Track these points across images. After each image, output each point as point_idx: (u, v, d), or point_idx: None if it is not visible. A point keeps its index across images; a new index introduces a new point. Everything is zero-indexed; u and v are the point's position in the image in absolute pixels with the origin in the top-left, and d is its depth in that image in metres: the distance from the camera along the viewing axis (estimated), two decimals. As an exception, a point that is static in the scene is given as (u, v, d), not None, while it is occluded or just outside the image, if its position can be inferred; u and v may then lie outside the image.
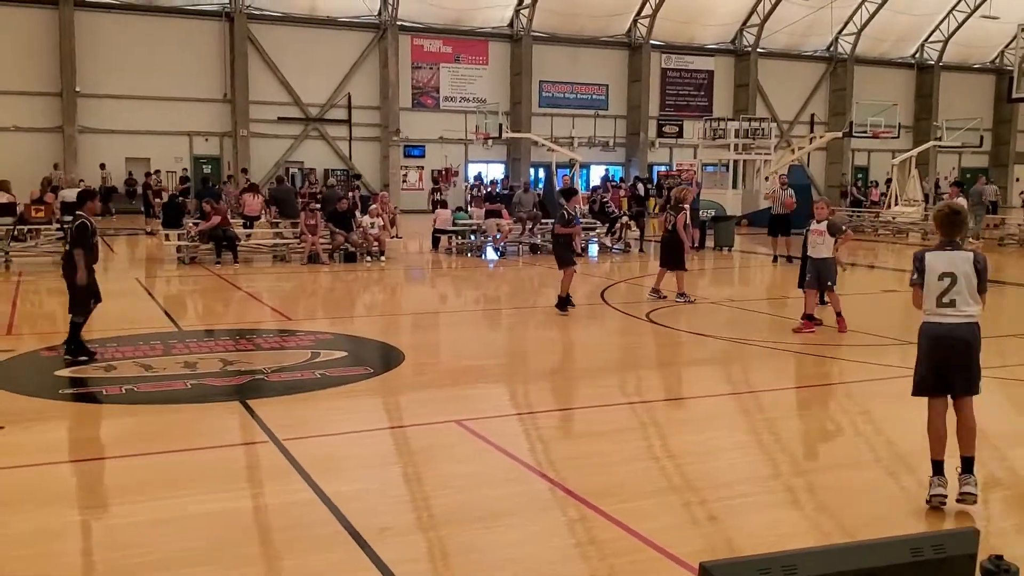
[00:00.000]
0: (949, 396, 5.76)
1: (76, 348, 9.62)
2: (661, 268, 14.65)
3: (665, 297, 14.34)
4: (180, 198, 22.97)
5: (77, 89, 34.01)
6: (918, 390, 5.87)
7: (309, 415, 7.82)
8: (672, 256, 14.41)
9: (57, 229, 19.24)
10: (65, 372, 9.24)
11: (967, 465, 5.65)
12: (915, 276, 5.80)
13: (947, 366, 5.68)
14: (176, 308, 14.26)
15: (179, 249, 19.82)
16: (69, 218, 19.58)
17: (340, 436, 7.20)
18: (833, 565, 2.24)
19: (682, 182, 24.18)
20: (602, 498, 5.77)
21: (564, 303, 12.96)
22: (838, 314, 11.77)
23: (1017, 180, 43.70)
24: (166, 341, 10.75)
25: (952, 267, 5.65)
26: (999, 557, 2.49)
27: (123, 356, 9.87)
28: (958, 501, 5.60)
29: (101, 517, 5.64)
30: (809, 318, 11.82)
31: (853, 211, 34.03)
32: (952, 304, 5.64)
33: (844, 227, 12.48)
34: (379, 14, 38.69)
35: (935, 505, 5.62)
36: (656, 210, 22.37)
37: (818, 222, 11.85)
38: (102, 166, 34.08)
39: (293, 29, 37.56)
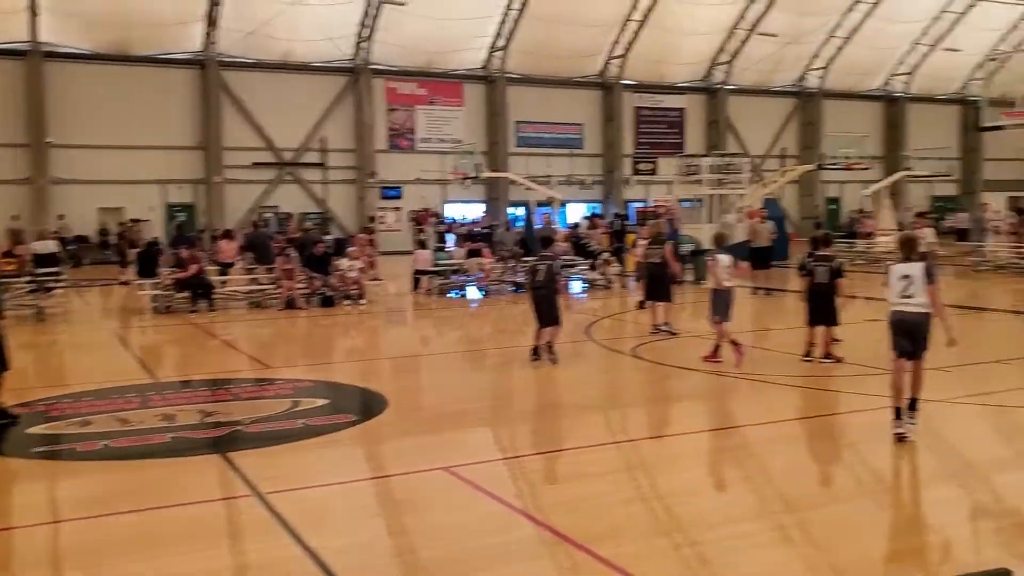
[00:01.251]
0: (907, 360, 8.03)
1: None
2: (650, 301, 14.62)
3: (669, 328, 14.30)
4: (156, 247, 22.70)
5: (49, 140, 33.76)
6: (894, 352, 8.12)
7: (292, 466, 7.64)
8: (661, 288, 14.43)
9: (28, 282, 18.94)
10: (38, 429, 9.01)
11: (914, 404, 8.01)
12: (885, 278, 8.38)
13: (908, 338, 8.03)
14: (153, 359, 14.02)
15: (154, 298, 19.56)
16: (41, 270, 19.46)
17: (325, 488, 7.02)
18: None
19: (659, 218, 24.27)
20: (595, 543, 5.64)
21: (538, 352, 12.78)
22: (732, 343, 11.69)
23: (982, 205, 44.23)
24: (143, 393, 10.53)
25: (910, 271, 8.16)
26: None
27: (99, 410, 9.62)
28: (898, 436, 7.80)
29: (79, 581, 5.44)
30: (731, 344, 11.78)
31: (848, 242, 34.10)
32: (910, 296, 8.09)
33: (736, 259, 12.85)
34: (352, 58, 38.82)
35: (898, 439, 7.86)
36: (632, 246, 22.48)
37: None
38: (60, 216, 33.44)
39: (266, 75, 37.59)
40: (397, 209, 40.38)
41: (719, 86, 46.10)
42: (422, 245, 24.26)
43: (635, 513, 6.37)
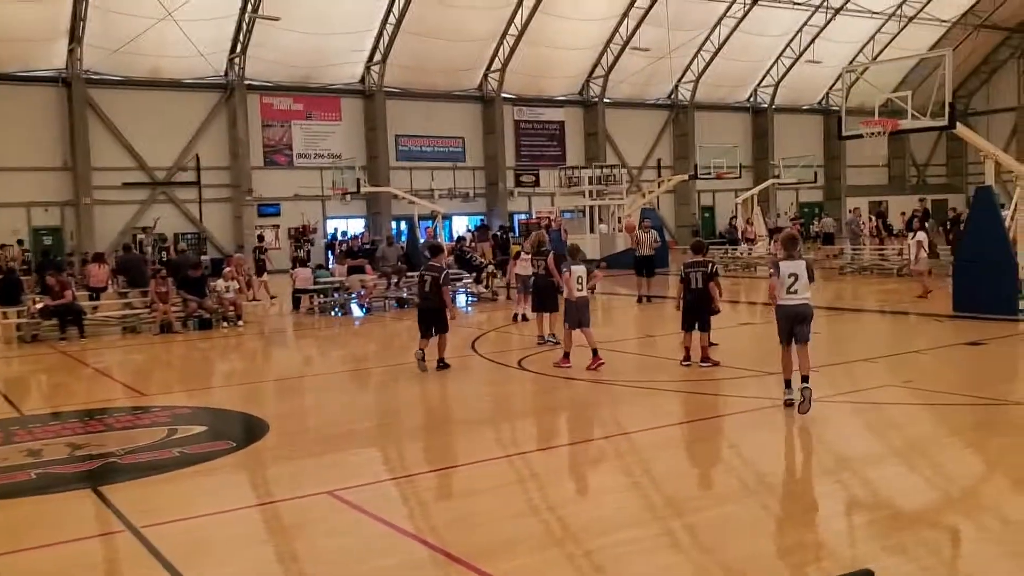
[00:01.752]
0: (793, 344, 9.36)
1: None
2: (538, 312, 14.81)
3: (555, 339, 14.39)
4: (15, 273, 21.62)
5: (-101, 162, 31.86)
6: (782, 341, 9.44)
7: (168, 498, 7.33)
8: (547, 298, 14.57)
9: None
10: None
11: (806, 379, 9.11)
12: (772, 273, 9.44)
13: (794, 328, 9.30)
14: (17, 391, 13.28)
15: (19, 327, 18.62)
16: None
17: (204, 518, 6.76)
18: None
19: (541, 227, 24.58)
20: (487, 559, 5.60)
21: (441, 363, 12.76)
22: (593, 351, 12.32)
23: (853, 210, 46.33)
24: (7, 428, 9.97)
25: (796, 269, 9.27)
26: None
27: (-43, 448, 9.06)
28: (797, 407, 9.07)
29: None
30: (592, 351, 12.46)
31: (728, 248, 35.14)
32: (796, 292, 9.26)
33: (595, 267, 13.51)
34: (225, 74, 37.95)
35: (787, 405, 9.32)
36: (514, 257, 22.68)
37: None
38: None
39: (135, 92, 36.35)
40: (276, 227, 39.60)
41: (596, 99, 46.98)
42: (302, 263, 23.85)
43: (526, 526, 6.36)
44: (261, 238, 33.67)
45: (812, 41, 49.51)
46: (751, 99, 53.04)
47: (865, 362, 12.52)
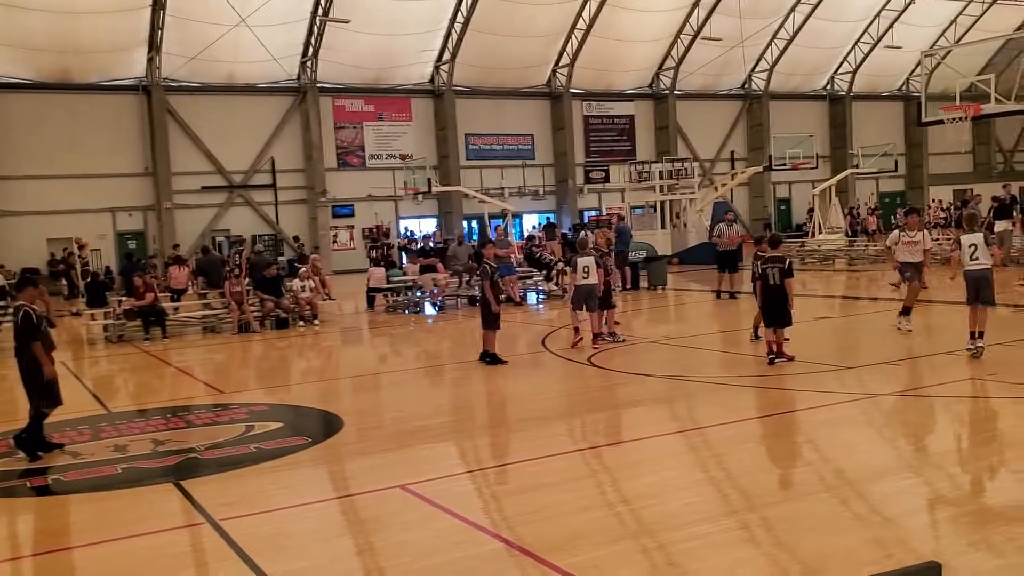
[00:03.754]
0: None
1: (35, 444, 8.86)
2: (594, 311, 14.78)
3: (620, 337, 14.54)
4: (103, 276, 22.34)
5: (-8, 172, 33.18)
6: (968, 301, 11.53)
7: (246, 492, 7.49)
8: (604, 295, 14.62)
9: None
10: (-15, 467, 8.77)
11: (981, 335, 11.32)
12: (954, 248, 11.86)
13: (980, 291, 11.41)
14: (104, 389, 13.75)
15: (106, 328, 19.24)
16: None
17: (280, 512, 6.89)
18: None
19: (611, 226, 24.41)
20: (557, 553, 5.60)
21: (493, 358, 12.89)
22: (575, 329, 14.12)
23: (935, 201, 45.02)
24: (95, 425, 10.32)
25: (975, 240, 11.46)
26: None
27: (48, 445, 9.39)
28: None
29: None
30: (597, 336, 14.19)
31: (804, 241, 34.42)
32: (977, 259, 11.40)
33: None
34: (298, 78, 38.61)
35: (970, 352, 11.26)
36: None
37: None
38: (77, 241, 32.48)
39: (212, 98, 37.26)
40: (350, 227, 40.19)
41: (666, 92, 46.51)
42: (376, 263, 24.13)
43: (597, 519, 6.33)
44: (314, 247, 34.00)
45: (891, 25, 48.25)
46: (827, 87, 51.93)
47: (948, 355, 12.15)
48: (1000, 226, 24.32)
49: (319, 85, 38.75)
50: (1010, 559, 5.29)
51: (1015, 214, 23.51)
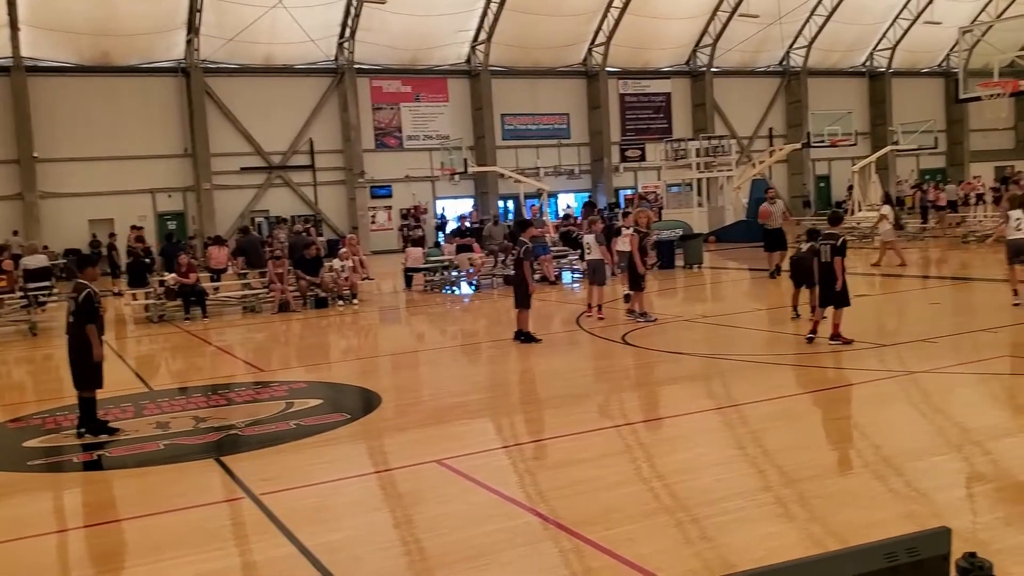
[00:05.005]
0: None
1: (96, 426, 9.02)
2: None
3: (645, 315, 14.64)
4: (146, 258, 22.66)
5: (35, 155, 33.71)
6: (1010, 263, 13.25)
7: (286, 467, 7.64)
8: (634, 276, 14.84)
9: (21, 297, 18.94)
10: (34, 442, 9.01)
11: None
12: (1003, 222, 12.91)
13: (1021, 255, 13.31)
14: (146, 368, 14.02)
15: (147, 308, 19.57)
16: (33, 285, 19.42)
17: (319, 486, 7.03)
18: (809, 577, 2.17)
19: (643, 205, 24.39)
20: (591, 527, 5.66)
21: (527, 337, 12.95)
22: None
23: (976, 177, 44.24)
24: (137, 403, 10.55)
25: (1021, 215, 13.23)
26: (972, 554, 2.46)
27: (94, 421, 9.62)
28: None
29: (77, 589, 5.46)
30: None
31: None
32: (1020, 230, 13.17)
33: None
34: (336, 59, 38.77)
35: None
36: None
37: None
38: (15, 232, 32.11)
39: (250, 79, 37.55)
40: (388, 208, 40.40)
41: (703, 69, 46.09)
42: (413, 242, 24.28)
43: (630, 494, 6.39)
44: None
45: (930, 1, 47.33)
46: (867, 63, 51.16)
47: (985, 332, 12.02)
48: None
49: (356, 66, 38.89)
50: (1046, 535, 5.28)
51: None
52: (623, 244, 17.87)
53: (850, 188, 38.70)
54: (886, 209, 22.07)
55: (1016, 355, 10.53)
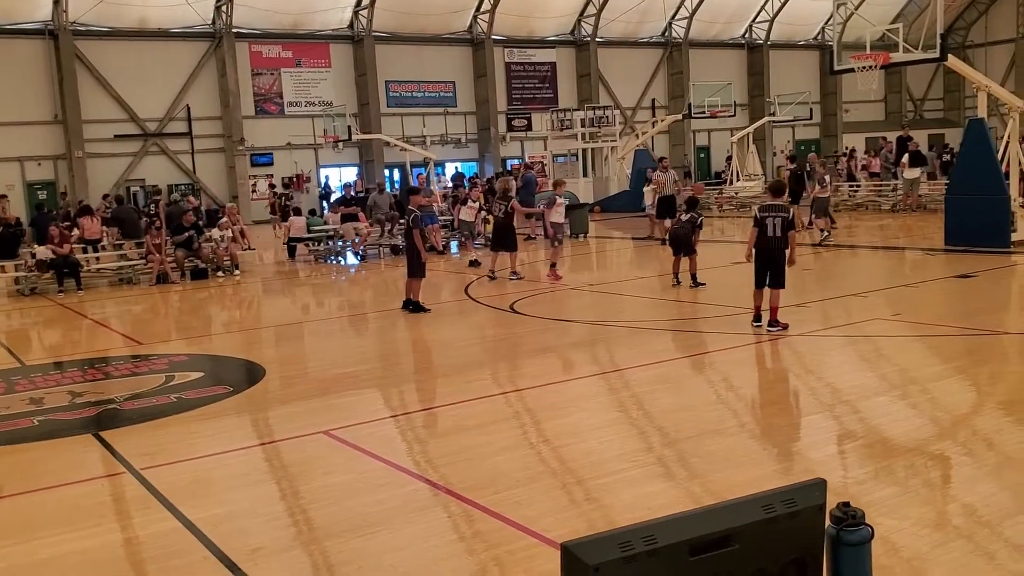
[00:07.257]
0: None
1: None
2: (493, 251, 16.37)
3: (496, 278, 15.88)
4: (14, 228, 21.62)
5: None
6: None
7: (167, 441, 7.47)
8: (506, 239, 15.86)
9: None
10: None
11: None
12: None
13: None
14: (18, 343, 13.40)
15: (17, 280, 18.69)
16: None
17: (201, 460, 6.90)
18: (690, 531, 2.27)
19: (511, 174, 24.93)
20: (480, 492, 5.75)
21: (416, 307, 12.96)
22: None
23: (850, 149, 46.14)
24: (8, 378, 10.11)
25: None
26: (846, 504, 2.60)
27: (-41, 399, 9.19)
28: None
29: (-55, 573, 5.23)
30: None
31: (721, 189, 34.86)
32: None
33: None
34: (213, 23, 37.46)
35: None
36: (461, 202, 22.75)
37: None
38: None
39: (123, 43, 35.92)
40: (269, 176, 39.46)
41: (588, 39, 46.44)
42: (296, 212, 23.84)
43: (518, 459, 6.50)
44: (284, 196, 33.58)
45: (808, -26, 48.77)
46: (746, 35, 52.46)
47: (856, 296, 12.63)
48: (913, 173, 25.15)
49: (235, 30, 37.65)
50: (907, 485, 5.63)
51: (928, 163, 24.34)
52: (465, 214, 21.10)
53: (728, 158, 39.86)
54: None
55: (885, 318, 11.09)
